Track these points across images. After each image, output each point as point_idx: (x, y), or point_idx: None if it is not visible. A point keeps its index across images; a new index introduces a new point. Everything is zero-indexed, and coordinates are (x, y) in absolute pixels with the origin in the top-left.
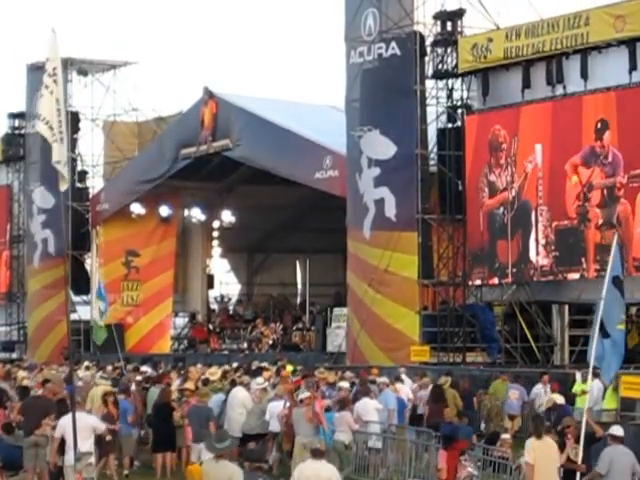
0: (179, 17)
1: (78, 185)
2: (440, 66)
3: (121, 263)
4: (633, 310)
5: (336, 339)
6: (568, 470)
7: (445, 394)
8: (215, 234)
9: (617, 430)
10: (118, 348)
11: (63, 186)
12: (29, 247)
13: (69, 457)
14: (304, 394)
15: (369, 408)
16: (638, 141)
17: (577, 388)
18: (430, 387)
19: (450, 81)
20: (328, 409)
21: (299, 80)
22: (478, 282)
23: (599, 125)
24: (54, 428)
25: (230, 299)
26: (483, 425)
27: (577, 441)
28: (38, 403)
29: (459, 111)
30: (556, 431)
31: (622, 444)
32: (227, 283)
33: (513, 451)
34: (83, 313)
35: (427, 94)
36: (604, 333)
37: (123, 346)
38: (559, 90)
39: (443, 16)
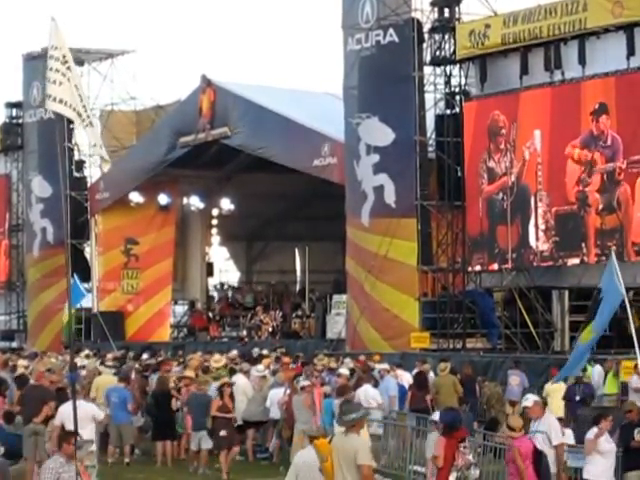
0: (176, 5)
1: (76, 174)
2: (438, 53)
3: (120, 251)
4: (631, 294)
5: (336, 326)
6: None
7: (428, 381)
8: (214, 222)
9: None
10: (110, 338)
11: (106, 167)
12: (28, 236)
13: None
14: (304, 381)
15: (370, 395)
16: (637, 126)
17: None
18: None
19: (448, 67)
20: (327, 395)
21: (297, 67)
22: (478, 268)
23: (596, 106)
24: (53, 416)
25: (229, 287)
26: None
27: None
28: (36, 392)
29: (457, 97)
30: None
31: None
32: (226, 271)
33: None
34: (83, 301)
35: (425, 81)
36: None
37: (124, 334)
38: (557, 76)
39: (440, 3)
